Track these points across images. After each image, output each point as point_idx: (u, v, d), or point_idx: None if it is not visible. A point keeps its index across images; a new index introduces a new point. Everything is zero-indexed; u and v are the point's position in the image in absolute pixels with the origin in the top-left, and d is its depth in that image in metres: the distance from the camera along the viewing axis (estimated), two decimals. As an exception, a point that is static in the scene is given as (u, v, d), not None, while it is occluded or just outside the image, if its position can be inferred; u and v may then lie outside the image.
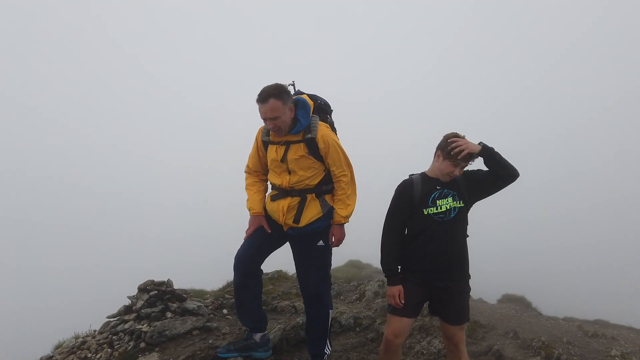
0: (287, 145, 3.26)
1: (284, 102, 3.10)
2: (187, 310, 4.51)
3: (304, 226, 3.31)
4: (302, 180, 3.28)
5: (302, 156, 3.23)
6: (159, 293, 4.55)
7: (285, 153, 3.26)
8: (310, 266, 3.41)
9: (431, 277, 3.00)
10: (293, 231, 3.38)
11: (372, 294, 6.29)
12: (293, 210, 3.30)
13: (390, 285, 3.04)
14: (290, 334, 4.27)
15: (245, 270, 3.43)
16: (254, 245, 3.47)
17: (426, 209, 3.00)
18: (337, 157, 3.27)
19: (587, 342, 6.04)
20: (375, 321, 5.18)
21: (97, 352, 4.01)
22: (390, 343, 3.03)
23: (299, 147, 3.23)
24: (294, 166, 3.26)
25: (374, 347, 4.59)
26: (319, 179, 3.32)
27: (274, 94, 3.08)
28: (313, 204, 3.31)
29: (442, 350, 4.66)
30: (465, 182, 3.03)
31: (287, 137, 3.25)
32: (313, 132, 3.22)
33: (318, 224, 3.34)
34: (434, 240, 2.97)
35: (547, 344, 5.19)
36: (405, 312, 3.02)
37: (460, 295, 3.00)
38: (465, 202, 3.00)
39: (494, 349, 4.94)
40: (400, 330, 3.03)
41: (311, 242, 3.35)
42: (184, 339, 4.09)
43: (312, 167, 3.27)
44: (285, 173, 3.32)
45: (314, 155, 3.23)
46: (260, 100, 3.10)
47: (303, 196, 3.30)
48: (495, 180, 2.93)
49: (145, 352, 3.88)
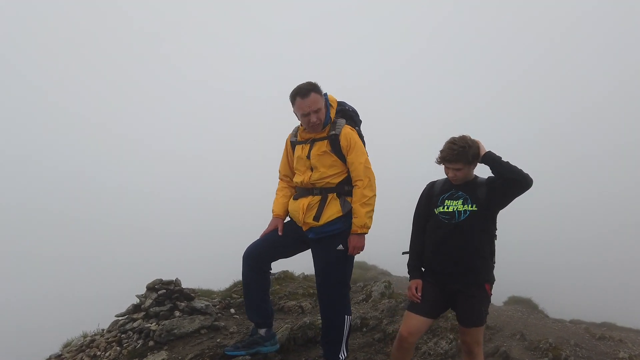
0: (312, 142, 3.33)
1: (321, 95, 3.22)
2: (195, 309, 4.53)
3: (323, 225, 3.28)
4: (324, 177, 3.29)
5: (325, 152, 3.27)
6: (168, 292, 4.57)
7: (309, 150, 3.32)
8: (329, 270, 3.37)
9: (446, 278, 3.02)
10: (313, 233, 3.35)
11: (379, 295, 6.30)
12: (313, 208, 3.30)
13: (410, 279, 3.14)
14: (297, 334, 4.29)
15: (253, 263, 3.44)
16: (268, 241, 3.50)
17: (436, 208, 3.08)
18: (356, 159, 3.27)
19: (595, 345, 6.02)
20: (381, 322, 5.19)
21: (106, 350, 4.03)
22: (404, 340, 3.01)
23: (323, 144, 3.29)
24: (316, 162, 3.29)
25: (381, 347, 4.60)
26: (341, 178, 3.33)
27: (313, 88, 3.18)
28: (333, 202, 3.31)
29: (448, 351, 4.66)
30: (485, 188, 3.01)
31: (313, 135, 3.32)
32: (337, 129, 3.28)
33: (338, 224, 3.30)
34: (446, 241, 2.99)
35: (555, 346, 5.18)
36: (422, 310, 3.02)
37: (472, 299, 2.97)
38: (480, 207, 2.96)
39: (501, 350, 4.93)
40: (415, 328, 3.02)
41: (331, 245, 3.32)
42: (192, 338, 4.11)
43: (335, 165, 3.30)
44: (308, 170, 3.35)
45: (336, 153, 3.27)
46: (301, 96, 3.16)
47: (324, 195, 3.31)
48: (506, 186, 2.91)
49: (153, 350, 3.90)
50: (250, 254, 3.46)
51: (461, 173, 3.00)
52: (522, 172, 2.86)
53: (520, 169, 2.87)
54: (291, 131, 3.59)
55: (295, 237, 3.49)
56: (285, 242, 3.51)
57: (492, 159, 2.91)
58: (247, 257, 3.46)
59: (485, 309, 3.03)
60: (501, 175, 2.90)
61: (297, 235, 3.47)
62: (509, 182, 2.88)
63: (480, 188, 3.02)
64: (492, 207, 3.00)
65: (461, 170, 2.98)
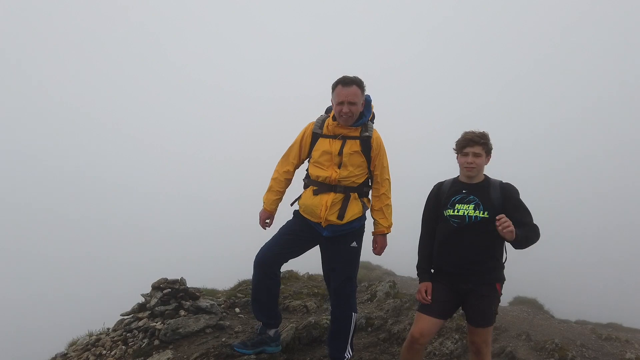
0: (344, 139, 3.32)
1: (362, 91, 3.26)
2: (201, 308, 4.53)
3: (344, 224, 3.30)
4: (351, 176, 3.30)
5: (356, 152, 3.30)
6: (173, 291, 4.58)
7: (342, 146, 3.31)
8: (343, 266, 3.41)
9: (456, 279, 3.00)
10: (329, 231, 3.33)
11: (384, 295, 6.30)
12: (337, 205, 3.29)
13: (419, 282, 3.12)
14: (302, 333, 4.29)
15: (268, 269, 3.42)
16: (279, 245, 3.44)
17: (446, 210, 3.04)
18: (383, 163, 3.40)
19: (601, 345, 5.99)
20: (386, 321, 5.18)
21: (112, 349, 4.05)
22: (416, 341, 2.98)
23: (355, 143, 3.31)
24: (347, 160, 3.30)
25: (386, 347, 4.59)
26: (363, 179, 3.38)
27: (357, 82, 3.23)
28: (355, 202, 3.34)
29: (454, 351, 4.64)
30: (499, 194, 2.96)
31: (345, 131, 3.31)
32: (370, 131, 3.34)
33: (355, 223, 3.36)
34: (456, 243, 2.97)
35: (561, 346, 5.15)
36: (433, 311, 3.00)
37: (482, 298, 2.95)
38: (491, 214, 2.89)
39: (506, 350, 4.91)
40: (426, 329, 2.99)
41: (346, 242, 3.37)
42: (197, 337, 4.12)
43: (361, 165, 3.34)
44: (335, 167, 3.31)
45: (365, 155, 3.32)
46: (344, 84, 3.19)
47: (347, 193, 3.32)
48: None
49: (159, 349, 3.91)
50: (264, 261, 3.41)
51: (479, 160, 2.96)
52: (537, 235, 2.84)
53: (536, 234, 2.84)
54: (315, 121, 3.49)
55: (306, 237, 3.46)
56: (297, 243, 3.48)
57: (519, 241, 2.81)
58: (260, 264, 3.42)
59: (495, 308, 3.02)
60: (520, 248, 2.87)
61: (308, 235, 3.45)
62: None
63: (494, 192, 2.97)
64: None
65: (480, 157, 2.96)
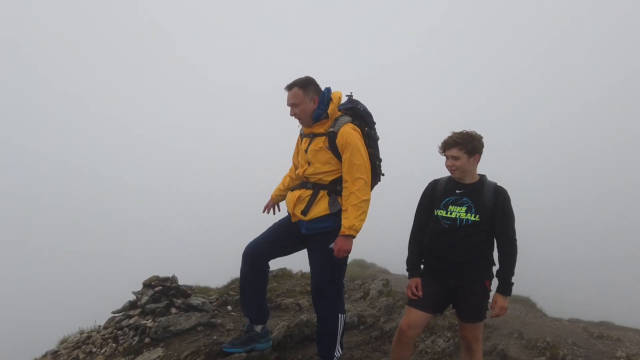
0: (313, 137, 3.35)
1: (305, 91, 3.24)
2: (192, 306, 4.51)
3: (311, 221, 3.29)
4: (317, 173, 3.30)
5: (322, 148, 3.28)
6: (164, 289, 4.55)
7: (309, 144, 3.35)
8: (320, 267, 3.37)
9: (445, 276, 3.01)
10: (303, 228, 3.36)
11: (376, 293, 6.29)
12: (303, 202, 3.32)
13: (409, 277, 3.13)
14: (294, 331, 4.27)
15: (253, 262, 3.45)
16: (268, 239, 3.49)
17: (438, 210, 3.03)
18: (353, 160, 3.17)
19: (593, 344, 6.02)
20: (379, 319, 5.18)
21: (102, 346, 4.01)
22: (404, 334, 3.01)
23: (321, 140, 3.30)
24: (312, 157, 3.32)
25: (378, 345, 4.58)
26: (334, 177, 3.31)
27: (298, 83, 3.26)
28: (323, 200, 3.30)
29: (446, 349, 4.65)
30: (493, 201, 2.95)
31: (314, 129, 3.34)
32: (337, 127, 3.26)
33: (328, 223, 3.27)
34: (446, 240, 2.97)
35: (552, 345, 5.18)
36: (422, 305, 3.01)
37: (472, 295, 2.97)
38: (483, 218, 2.91)
39: (498, 348, 4.93)
40: (414, 322, 3.00)
41: (323, 242, 3.32)
42: (188, 335, 4.09)
43: (330, 162, 3.28)
44: (306, 164, 3.38)
45: (333, 150, 3.25)
46: (286, 89, 3.30)
47: (316, 190, 3.32)
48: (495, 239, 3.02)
49: (149, 347, 3.88)
50: (250, 252, 3.46)
51: (459, 163, 2.93)
52: (515, 257, 2.96)
53: (513, 256, 2.96)
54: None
55: (295, 235, 3.47)
56: (286, 240, 3.50)
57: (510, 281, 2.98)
58: (247, 255, 3.47)
59: (485, 305, 3.03)
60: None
61: (297, 234, 3.46)
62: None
63: (488, 195, 2.96)
64: (492, 221, 2.98)
65: (459, 160, 2.92)
